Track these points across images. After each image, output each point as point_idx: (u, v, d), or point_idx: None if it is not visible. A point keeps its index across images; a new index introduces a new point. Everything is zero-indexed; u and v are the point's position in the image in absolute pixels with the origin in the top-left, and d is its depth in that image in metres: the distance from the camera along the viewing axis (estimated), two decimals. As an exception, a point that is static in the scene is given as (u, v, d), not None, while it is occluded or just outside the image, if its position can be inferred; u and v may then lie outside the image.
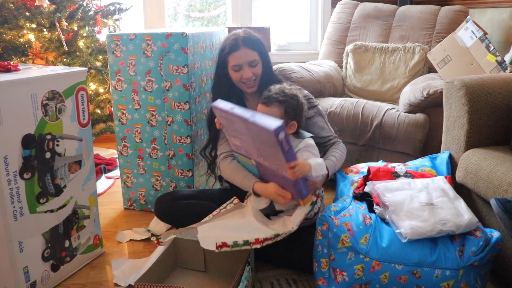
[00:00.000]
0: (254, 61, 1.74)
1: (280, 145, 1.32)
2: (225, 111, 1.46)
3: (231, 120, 1.48)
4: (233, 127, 1.51)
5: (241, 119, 1.40)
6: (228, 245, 1.41)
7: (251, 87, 1.78)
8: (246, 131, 1.44)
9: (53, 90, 1.44)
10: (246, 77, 1.74)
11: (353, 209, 1.51)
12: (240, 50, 1.73)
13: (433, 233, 1.37)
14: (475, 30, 2.21)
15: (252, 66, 1.75)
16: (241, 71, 1.74)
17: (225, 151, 1.78)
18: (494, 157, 1.51)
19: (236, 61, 1.73)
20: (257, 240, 1.44)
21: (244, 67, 1.74)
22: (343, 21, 2.91)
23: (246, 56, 1.73)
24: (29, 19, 2.34)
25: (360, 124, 2.24)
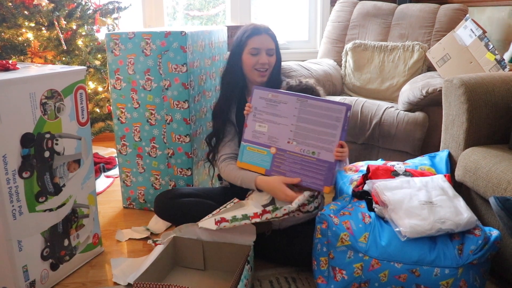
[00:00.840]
0: (271, 50, 1.79)
1: (343, 123, 1.52)
2: (277, 91, 1.62)
3: (276, 101, 1.62)
4: (273, 110, 1.62)
5: (299, 98, 1.58)
6: (227, 219, 1.46)
7: (262, 76, 1.80)
8: (295, 112, 1.59)
9: (52, 89, 1.44)
10: (262, 61, 1.76)
11: (353, 208, 1.51)
12: (261, 35, 1.77)
13: (432, 232, 1.37)
14: (474, 28, 2.20)
15: (269, 55, 1.78)
16: (258, 56, 1.76)
17: (226, 153, 1.80)
18: (493, 156, 1.51)
19: (256, 44, 1.76)
20: (255, 214, 1.50)
21: (262, 52, 1.76)
22: (342, 19, 2.90)
23: (266, 42, 1.77)
24: (27, 18, 2.33)
25: (359, 123, 2.24)
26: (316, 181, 1.57)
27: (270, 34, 1.80)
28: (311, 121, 1.57)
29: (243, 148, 1.68)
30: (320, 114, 1.55)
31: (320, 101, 1.56)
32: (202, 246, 1.60)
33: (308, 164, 1.58)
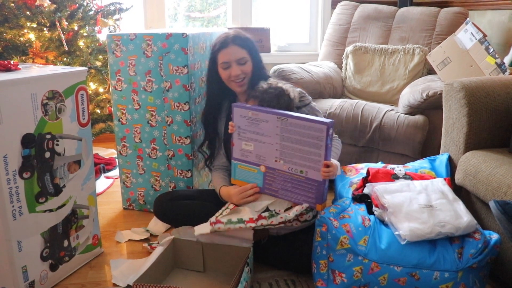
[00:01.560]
0: (242, 59, 1.75)
1: (326, 141, 1.44)
2: (256, 109, 1.55)
3: (257, 120, 1.54)
4: (255, 128, 1.56)
5: (279, 116, 1.50)
6: (222, 221, 1.44)
7: (240, 86, 1.78)
8: (277, 131, 1.51)
9: (53, 90, 1.44)
10: (234, 74, 1.74)
11: (352, 211, 1.51)
12: (228, 48, 1.74)
13: (432, 235, 1.37)
14: (474, 32, 2.21)
15: (240, 64, 1.75)
16: (230, 69, 1.75)
17: (217, 164, 1.86)
18: (493, 159, 1.51)
19: (225, 58, 1.74)
20: (251, 219, 1.49)
21: (232, 64, 1.74)
22: (343, 22, 2.91)
23: (234, 53, 1.74)
24: (29, 19, 2.34)
25: (360, 126, 2.24)
26: (308, 199, 1.55)
27: (238, 43, 1.75)
28: (294, 140, 1.51)
29: (235, 166, 1.67)
30: (302, 133, 1.49)
31: (300, 119, 1.48)
32: (202, 248, 1.60)
33: (298, 182, 1.55)
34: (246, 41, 1.77)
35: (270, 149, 1.56)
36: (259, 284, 1.58)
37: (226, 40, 1.75)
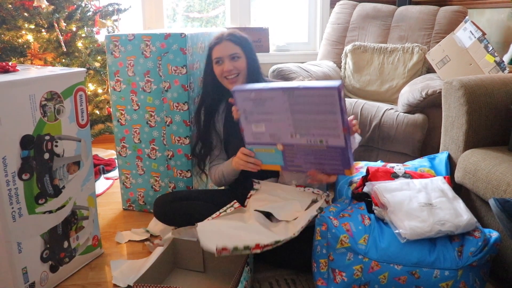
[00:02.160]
0: (235, 54, 1.75)
1: (340, 105, 1.34)
2: (258, 89, 1.46)
3: (262, 99, 1.46)
4: (262, 109, 1.48)
5: (285, 90, 1.40)
6: (228, 249, 1.40)
7: (232, 83, 1.76)
8: (286, 106, 1.43)
9: (52, 91, 1.44)
10: (226, 69, 1.74)
11: (352, 210, 1.51)
12: (221, 43, 1.76)
13: (432, 234, 1.37)
14: (473, 30, 2.21)
15: (233, 59, 1.75)
16: (222, 64, 1.75)
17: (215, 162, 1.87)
18: (493, 158, 1.51)
19: (218, 53, 1.76)
20: (257, 245, 1.42)
21: (225, 60, 1.75)
22: (341, 21, 2.91)
23: (226, 49, 1.75)
24: (27, 20, 2.34)
25: (359, 124, 2.24)
26: (335, 167, 1.49)
27: (231, 39, 1.76)
28: (306, 111, 1.41)
29: (251, 149, 1.62)
30: (313, 102, 1.39)
31: (308, 89, 1.38)
32: (202, 248, 1.59)
33: (320, 153, 1.47)
34: (240, 39, 1.78)
35: (282, 125, 1.48)
36: (259, 284, 1.58)
37: (220, 36, 1.78)
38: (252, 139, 1.57)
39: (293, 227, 1.50)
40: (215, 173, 1.84)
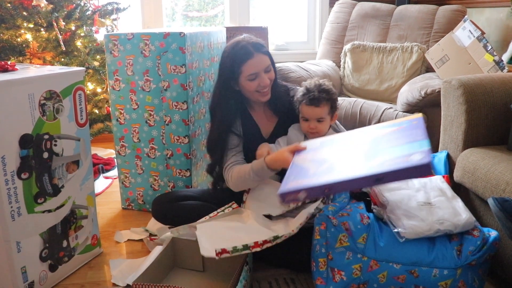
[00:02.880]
0: (268, 66, 1.67)
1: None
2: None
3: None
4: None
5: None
6: (228, 251, 1.39)
7: (266, 95, 1.70)
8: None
9: (51, 90, 1.44)
10: (264, 84, 1.65)
11: (351, 209, 1.51)
12: (254, 57, 1.63)
13: (431, 233, 1.37)
14: (472, 29, 2.21)
15: (267, 72, 1.67)
16: (258, 79, 1.65)
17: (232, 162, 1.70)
18: (492, 157, 1.51)
19: (253, 69, 1.63)
20: (256, 243, 1.43)
21: (261, 74, 1.65)
22: (341, 20, 2.91)
23: (262, 62, 1.64)
24: (26, 19, 2.33)
25: (358, 124, 2.24)
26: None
27: (261, 50, 1.65)
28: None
29: None
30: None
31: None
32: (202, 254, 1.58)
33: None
34: (265, 47, 1.69)
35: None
36: (258, 283, 1.58)
37: (248, 50, 1.63)
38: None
39: (292, 224, 1.51)
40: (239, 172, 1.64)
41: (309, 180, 1.25)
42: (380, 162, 1.20)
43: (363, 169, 1.21)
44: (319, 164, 1.32)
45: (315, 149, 1.46)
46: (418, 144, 1.21)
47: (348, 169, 1.24)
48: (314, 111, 1.64)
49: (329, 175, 1.24)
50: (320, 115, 1.65)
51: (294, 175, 1.32)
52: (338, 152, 1.38)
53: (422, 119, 1.36)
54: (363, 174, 1.19)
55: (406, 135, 1.30)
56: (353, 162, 1.28)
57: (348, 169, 1.24)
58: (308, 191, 1.23)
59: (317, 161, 1.35)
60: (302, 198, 1.26)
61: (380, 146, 1.31)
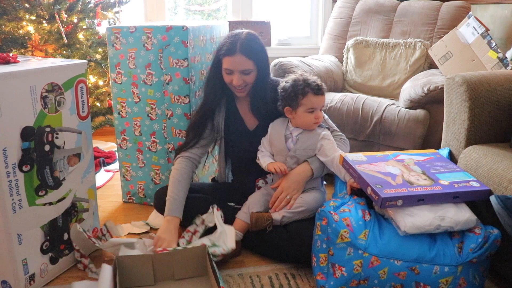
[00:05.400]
0: (247, 70, 1.68)
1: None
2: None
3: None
4: None
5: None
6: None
7: (240, 92, 1.75)
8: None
9: (53, 83, 1.44)
10: (236, 84, 1.70)
11: (353, 205, 1.51)
12: (235, 56, 1.66)
13: (431, 228, 1.37)
14: (477, 26, 2.20)
15: (244, 74, 1.69)
16: (232, 75, 1.70)
17: (187, 155, 1.80)
18: (495, 154, 1.51)
19: (229, 65, 1.69)
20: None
21: (235, 73, 1.69)
22: (344, 15, 2.89)
23: (239, 64, 1.67)
24: (28, 11, 2.32)
25: (360, 120, 2.24)
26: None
27: (245, 53, 1.65)
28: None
29: None
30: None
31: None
32: (152, 260, 1.50)
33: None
34: (255, 51, 1.68)
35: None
36: (259, 278, 1.58)
37: (234, 46, 1.66)
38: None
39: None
40: (173, 175, 1.76)
41: (399, 190, 1.40)
42: (450, 183, 1.44)
43: (440, 187, 1.43)
44: (392, 178, 1.46)
45: (367, 161, 1.57)
46: (463, 174, 1.50)
47: (427, 185, 1.44)
48: (322, 99, 1.68)
49: (412, 189, 1.41)
50: (324, 103, 1.71)
51: (381, 184, 1.43)
52: (396, 169, 1.53)
53: (440, 153, 1.65)
54: (448, 190, 1.41)
55: (445, 166, 1.56)
56: (423, 179, 1.47)
57: (427, 185, 1.44)
58: (404, 199, 1.39)
59: (386, 174, 1.49)
60: (399, 205, 1.39)
61: (432, 170, 1.52)
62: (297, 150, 1.69)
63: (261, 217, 1.63)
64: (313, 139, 1.69)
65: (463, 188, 1.42)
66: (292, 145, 1.70)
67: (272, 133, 1.75)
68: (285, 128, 1.73)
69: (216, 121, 1.85)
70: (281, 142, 1.71)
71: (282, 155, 1.71)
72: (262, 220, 1.63)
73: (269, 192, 1.76)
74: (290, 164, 1.71)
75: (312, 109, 1.66)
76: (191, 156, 1.80)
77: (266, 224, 1.64)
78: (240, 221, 1.70)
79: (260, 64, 1.71)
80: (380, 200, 1.37)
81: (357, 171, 1.49)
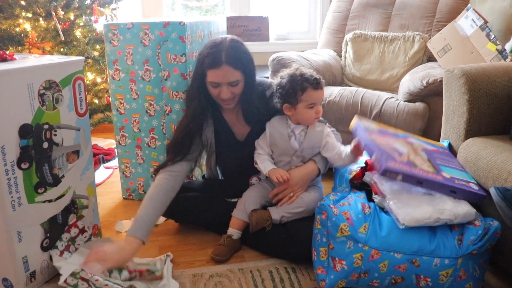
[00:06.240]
0: (235, 82, 1.60)
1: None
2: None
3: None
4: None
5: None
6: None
7: (228, 105, 1.67)
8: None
9: (50, 80, 1.43)
10: (225, 97, 1.61)
11: (352, 198, 1.51)
12: (221, 68, 1.56)
13: (430, 221, 1.37)
14: (475, 18, 2.19)
15: (232, 86, 1.60)
16: (219, 88, 1.61)
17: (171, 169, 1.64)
18: (494, 146, 1.50)
19: (215, 78, 1.59)
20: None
21: (223, 86, 1.60)
22: (342, 9, 2.88)
23: (226, 76, 1.58)
24: (24, 8, 2.31)
25: (359, 113, 2.23)
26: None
27: (232, 63, 1.56)
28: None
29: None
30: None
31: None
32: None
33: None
34: (241, 60, 1.59)
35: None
36: (259, 272, 1.58)
37: (219, 57, 1.56)
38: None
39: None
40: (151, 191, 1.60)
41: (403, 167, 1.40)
42: (450, 177, 1.44)
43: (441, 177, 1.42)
44: (398, 154, 1.46)
45: (378, 132, 1.58)
46: (466, 175, 1.51)
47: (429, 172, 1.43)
48: (321, 93, 1.64)
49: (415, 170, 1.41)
50: (323, 97, 1.68)
51: (385, 155, 1.42)
52: (404, 148, 1.53)
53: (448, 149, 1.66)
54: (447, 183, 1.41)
55: (450, 161, 1.56)
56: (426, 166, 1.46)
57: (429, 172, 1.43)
58: (405, 176, 1.39)
59: (393, 149, 1.49)
60: (398, 179, 1.39)
61: (438, 161, 1.52)
62: (304, 149, 1.67)
63: (260, 218, 1.63)
64: (318, 137, 1.66)
65: (462, 186, 1.42)
66: (296, 144, 1.66)
67: (273, 133, 1.68)
68: (286, 126, 1.68)
69: (204, 136, 1.74)
70: (285, 142, 1.66)
71: (288, 155, 1.68)
72: (262, 221, 1.63)
73: (264, 187, 1.75)
74: (296, 163, 1.69)
75: (312, 104, 1.61)
76: (174, 170, 1.65)
77: (266, 224, 1.63)
78: (237, 219, 1.69)
79: (247, 71, 1.63)
80: (382, 169, 1.38)
81: (367, 139, 1.50)
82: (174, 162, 1.66)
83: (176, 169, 1.65)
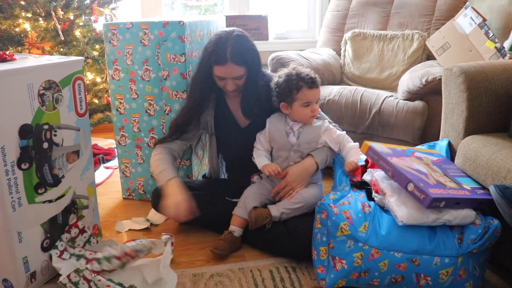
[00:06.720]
0: (239, 76, 1.68)
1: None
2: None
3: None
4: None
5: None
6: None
7: (233, 94, 1.76)
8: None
9: (50, 80, 1.43)
10: (229, 89, 1.71)
11: (352, 197, 1.51)
12: (226, 65, 1.64)
13: (429, 221, 1.37)
14: (474, 16, 2.19)
15: (237, 79, 1.69)
16: (224, 82, 1.70)
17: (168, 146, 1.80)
18: (493, 144, 1.51)
19: (221, 73, 1.67)
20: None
21: (228, 80, 1.69)
22: (341, 8, 2.88)
23: (231, 72, 1.66)
24: (24, 8, 2.31)
25: (359, 112, 2.23)
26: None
27: (237, 61, 1.63)
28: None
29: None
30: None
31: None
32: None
33: None
34: (246, 56, 1.66)
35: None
36: (259, 271, 1.58)
37: (224, 55, 1.63)
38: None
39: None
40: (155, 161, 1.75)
41: (441, 191, 1.36)
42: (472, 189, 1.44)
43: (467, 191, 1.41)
44: (425, 176, 1.42)
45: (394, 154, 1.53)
46: (470, 180, 1.50)
47: (456, 188, 1.42)
48: (317, 92, 1.66)
49: (451, 191, 1.38)
50: (319, 95, 1.69)
51: (422, 182, 1.38)
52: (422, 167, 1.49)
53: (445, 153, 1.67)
54: (476, 196, 1.40)
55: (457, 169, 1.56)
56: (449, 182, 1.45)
57: (456, 188, 1.42)
58: (447, 201, 1.35)
59: (418, 171, 1.45)
60: (441, 206, 1.36)
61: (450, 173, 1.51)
62: (301, 144, 1.68)
63: (260, 215, 1.63)
64: (316, 131, 1.69)
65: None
66: (294, 140, 1.69)
67: (272, 129, 1.72)
68: (285, 123, 1.71)
69: (203, 118, 1.83)
70: (283, 138, 1.70)
71: (285, 150, 1.70)
72: (261, 218, 1.63)
73: (265, 186, 1.76)
74: (294, 158, 1.70)
75: (307, 103, 1.64)
76: (171, 147, 1.81)
77: (265, 221, 1.64)
78: (238, 217, 1.70)
79: (251, 66, 1.69)
80: (428, 200, 1.31)
81: (392, 164, 1.44)
82: (172, 140, 1.82)
83: (172, 146, 1.82)
